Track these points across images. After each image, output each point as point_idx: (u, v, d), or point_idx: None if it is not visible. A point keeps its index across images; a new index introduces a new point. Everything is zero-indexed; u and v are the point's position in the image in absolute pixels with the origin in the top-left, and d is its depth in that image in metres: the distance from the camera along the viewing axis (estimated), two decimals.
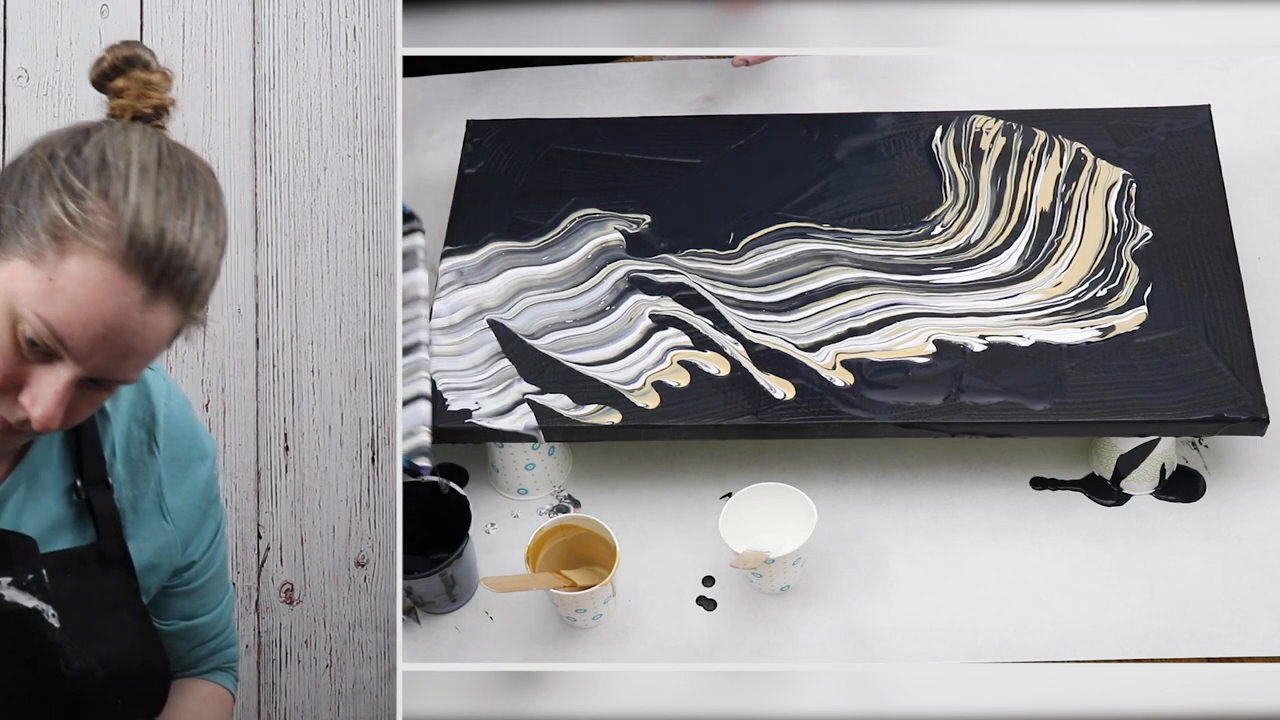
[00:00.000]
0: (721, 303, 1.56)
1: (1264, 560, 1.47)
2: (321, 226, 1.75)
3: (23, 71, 1.74)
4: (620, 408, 1.49)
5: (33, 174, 1.16)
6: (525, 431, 1.49)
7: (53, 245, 1.13)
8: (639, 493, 1.56)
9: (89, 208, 1.12)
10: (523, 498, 1.56)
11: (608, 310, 1.57)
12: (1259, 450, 1.53)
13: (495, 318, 1.57)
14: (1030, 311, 1.53)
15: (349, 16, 1.76)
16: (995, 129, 1.68)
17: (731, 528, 1.46)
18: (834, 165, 1.67)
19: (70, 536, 1.29)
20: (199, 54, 1.75)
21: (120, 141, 1.16)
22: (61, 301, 1.12)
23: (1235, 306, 1.51)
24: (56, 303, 1.12)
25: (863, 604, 1.47)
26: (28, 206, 1.14)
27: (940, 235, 1.60)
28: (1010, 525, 1.51)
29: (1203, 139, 1.65)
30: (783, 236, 1.61)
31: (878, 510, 1.52)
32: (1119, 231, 1.58)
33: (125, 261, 1.11)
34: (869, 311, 1.54)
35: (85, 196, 1.13)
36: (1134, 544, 1.49)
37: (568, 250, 1.62)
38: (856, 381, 1.49)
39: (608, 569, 1.45)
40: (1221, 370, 1.47)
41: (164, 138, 1.18)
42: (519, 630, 1.48)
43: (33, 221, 1.14)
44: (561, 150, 1.70)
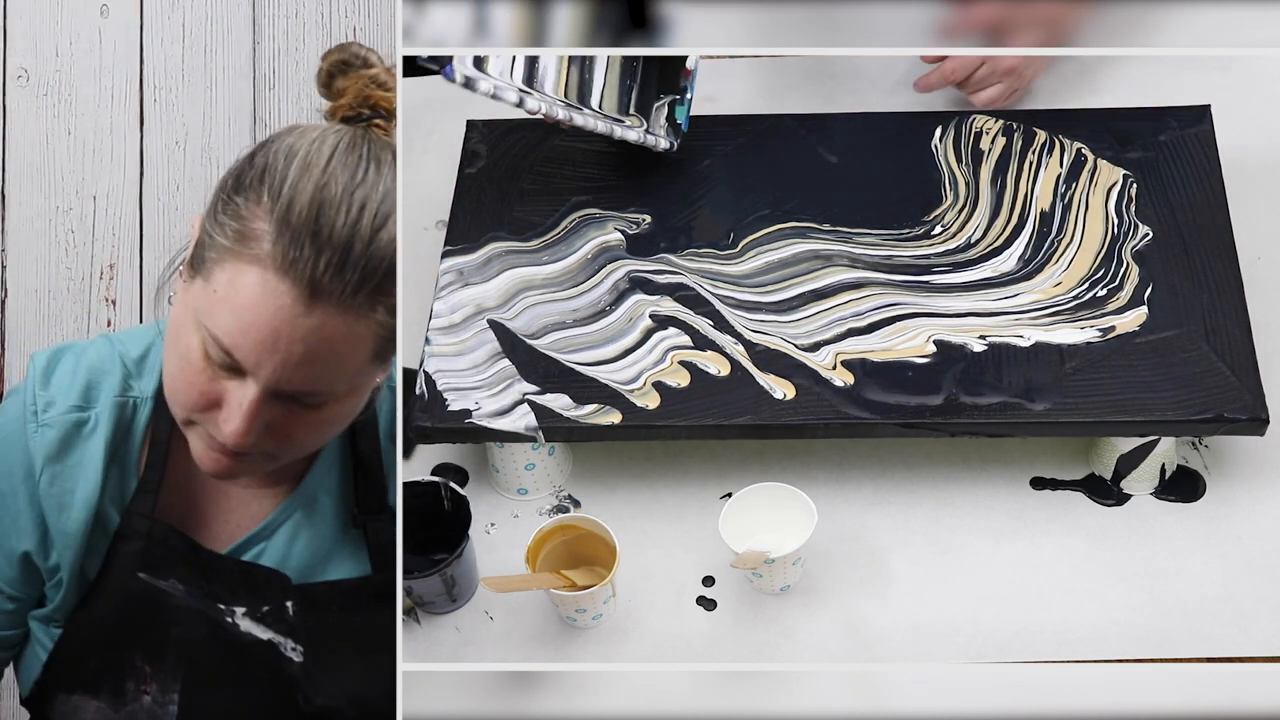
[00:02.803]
0: (721, 303, 1.56)
1: (1264, 560, 1.47)
2: None
3: (23, 71, 1.74)
4: (620, 408, 1.49)
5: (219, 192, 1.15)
6: (525, 431, 1.49)
7: (216, 259, 1.11)
8: (639, 493, 1.56)
9: (244, 214, 1.10)
10: (523, 498, 1.56)
11: (608, 310, 1.57)
12: (1259, 450, 1.53)
13: (495, 318, 1.57)
14: (1030, 311, 1.53)
15: (349, 16, 1.76)
16: (995, 129, 1.68)
17: (731, 528, 1.46)
18: (834, 165, 1.67)
19: (343, 567, 1.28)
20: (199, 54, 1.75)
21: (290, 143, 1.12)
22: (223, 312, 1.11)
23: (1235, 306, 1.51)
24: (219, 314, 1.11)
25: (863, 604, 1.47)
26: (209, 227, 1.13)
27: (940, 235, 1.60)
28: (1010, 525, 1.51)
29: (1203, 139, 1.65)
30: (783, 236, 1.61)
31: (878, 510, 1.52)
32: (1119, 231, 1.58)
33: (279, 264, 1.08)
34: (869, 311, 1.54)
35: (242, 204, 1.11)
36: (1134, 544, 1.49)
37: (568, 250, 1.62)
38: (856, 381, 1.49)
39: (608, 569, 1.45)
40: (1221, 370, 1.47)
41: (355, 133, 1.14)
42: (519, 630, 1.48)
43: (208, 238, 1.13)
44: (561, 149, 1.70)
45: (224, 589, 1.26)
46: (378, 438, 1.30)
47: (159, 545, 1.26)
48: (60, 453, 1.25)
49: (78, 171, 1.75)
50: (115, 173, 1.75)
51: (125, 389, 1.26)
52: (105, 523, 1.26)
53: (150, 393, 1.27)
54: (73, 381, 1.26)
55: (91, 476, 1.25)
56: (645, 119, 1.63)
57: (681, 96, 1.64)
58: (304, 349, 1.10)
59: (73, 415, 1.25)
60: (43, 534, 1.26)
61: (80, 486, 1.25)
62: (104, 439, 1.25)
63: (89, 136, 1.75)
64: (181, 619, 1.26)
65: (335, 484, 1.30)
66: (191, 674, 1.25)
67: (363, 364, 1.14)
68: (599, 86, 1.63)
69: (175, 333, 1.16)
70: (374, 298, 1.11)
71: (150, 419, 1.27)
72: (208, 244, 1.13)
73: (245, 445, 1.14)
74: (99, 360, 1.27)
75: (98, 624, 1.26)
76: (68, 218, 1.76)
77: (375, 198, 1.10)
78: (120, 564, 1.26)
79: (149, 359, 1.28)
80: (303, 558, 1.27)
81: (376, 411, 1.30)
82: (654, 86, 1.66)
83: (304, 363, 1.11)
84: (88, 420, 1.25)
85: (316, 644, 1.26)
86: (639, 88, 1.65)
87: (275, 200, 1.09)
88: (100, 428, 1.25)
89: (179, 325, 1.15)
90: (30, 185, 1.75)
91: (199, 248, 1.14)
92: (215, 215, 1.13)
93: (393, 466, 1.29)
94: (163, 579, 1.25)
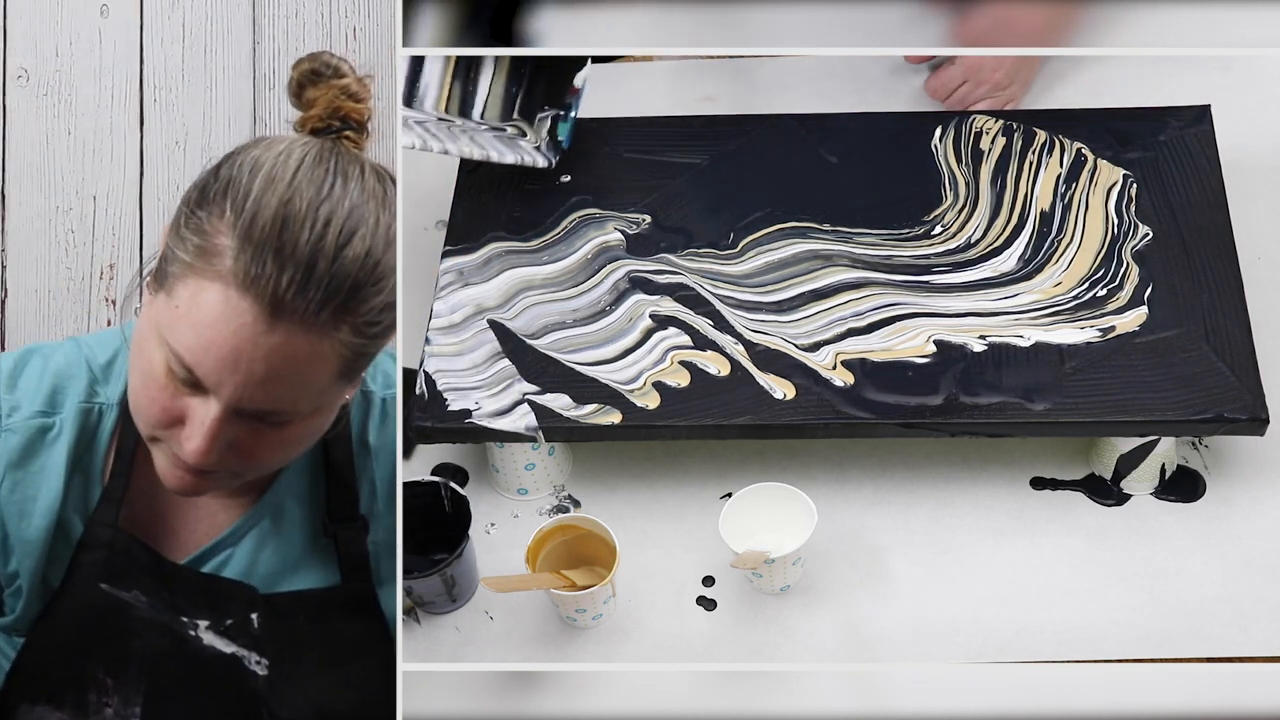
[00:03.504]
0: (721, 302, 1.56)
1: (1264, 560, 1.47)
2: None
3: (23, 71, 1.74)
4: (620, 408, 1.49)
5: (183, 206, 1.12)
6: (525, 431, 1.49)
7: (178, 274, 1.09)
8: (639, 493, 1.56)
9: (206, 229, 1.08)
10: (523, 498, 1.56)
11: (608, 310, 1.57)
12: (1259, 450, 1.53)
13: (495, 318, 1.57)
14: (1030, 311, 1.53)
15: (349, 16, 1.76)
16: (995, 129, 1.68)
17: (731, 528, 1.46)
18: (834, 165, 1.67)
19: (311, 576, 1.26)
20: (199, 54, 1.75)
21: (256, 155, 1.10)
22: (185, 328, 1.09)
23: (1235, 306, 1.51)
24: (181, 329, 1.09)
25: (863, 604, 1.47)
26: (172, 239, 1.11)
27: (940, 235, 1.60)
28: (1010, 525, 1.51)
29: (1203, 139, 1.65)
30: (783, 236, 1.61)
31: (878, 510, 1.52)
32: (1119, 231, 1.58)
33: (241, 280, 1.06)
34: (869, 311, 1.54)
35: (205, 219, 1.09)
36: (1134, 544, 1.49)
37: (568, 250, 1.62)
38: (856, 381, 1.49)
39: (608, 569, 1.45)
40: (1221, 370, 1.47)
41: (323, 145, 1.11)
42: (519, 630, 1.48)
43: (171, 253, 1.11)
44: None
45: (186, 601, 1.24)
46: (350, 445, 1.28)
47: (121, 555, 1.24)
48: (22, 459, 1.23)
49: (78, 171, 1.75)
50: (115, 173, 1.75)
51: (90, 395, 1.25)
52: (68, 531, 1.25)
53: (116, 399, 1.25)
54: (38, 385, 1.24)
55: (53, 484, 1.23)
56: (528, 127, 1.62)
57: (566, 113, 1.63)
58: (266, 367, 1.08)
59: (37, 421, 1.24)
60: (2, 540, 1.24)
61: (42, 494, 1.23)
62: (67, 446, 1.23)
63: (89, 136, 1.75)
64: (144, 631, 1.24)
65: (305, 491, 1.28)
66: (153, 687, 1.23)
67: (327, 383, 1.11)
68: (483, 96, 1.62)
69: (139, 346, 1.14)
70: (338, 316, 1.08)
71: (116, 426, 1.25)
72: (170, 258, 1.11)
73: (208, 464, 1.13)
74: (65, 364, 1.25)
75: (60, 634, 1.25)
76: (68, 218, 1.75)
77: (341, 213, 1.08)
78: (82, 574, 1.24)
79: (115, 365, 1.26)
80: (269, 566, 1.26)
81: (349, 423, 1.28)
82: (540, 97, 1.64)
83: (266, 381, 1.09)
84: (52, 426, 1.24)
85: (282, 656, 1.24)
86: (524, 95, 1.64)
87: (238, 215, 1.07)
88: (64, 434, 1.24)
89: (143, 339, 1.13)
90: (30, 185, 1.75)
91: (163, 261, 1.12)
92: (178, 229, 1.11)
93: (365, 473, 1.28)
94: (125, 590, 1.23)
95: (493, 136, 1.60)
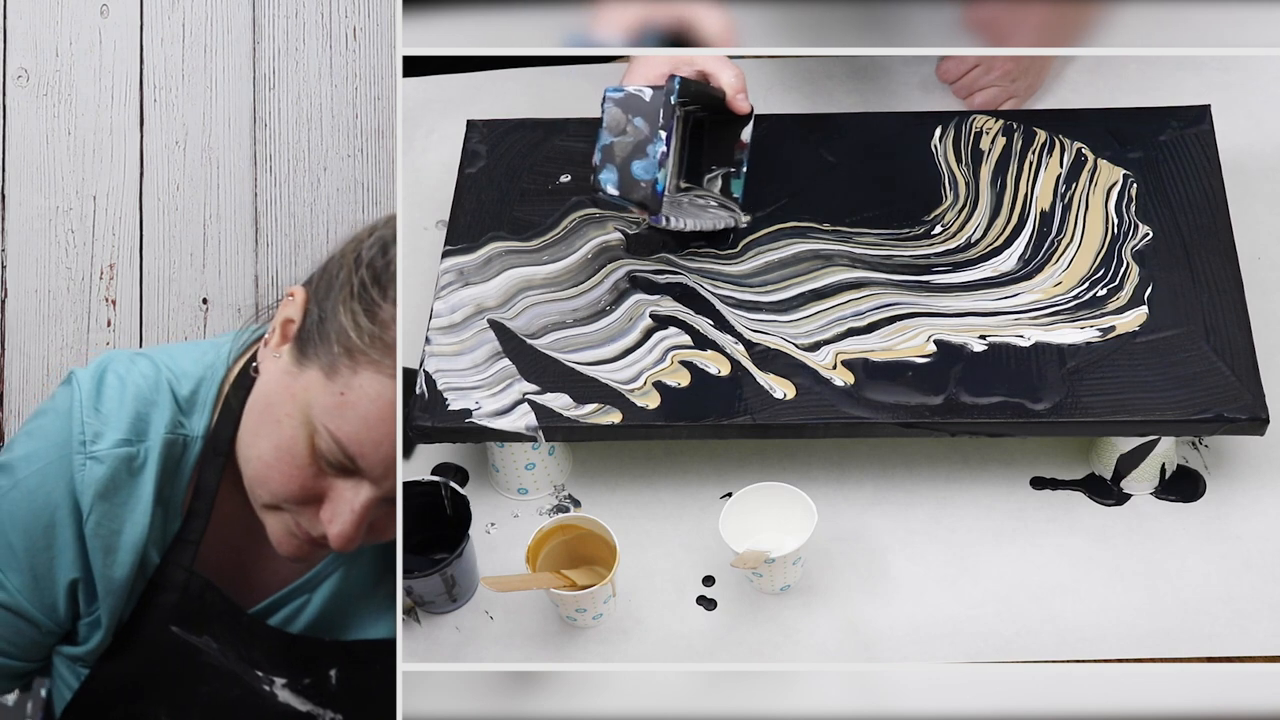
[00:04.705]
0: (722, 302, 1.56)
1: (1264, 560, 1.47)
2: (321, 226, 1.75)
3: (23, 71, 1.74)
4: (620, 407, 1.49)
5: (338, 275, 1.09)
6: (525, 431, 1.49)
7: (345, 358, 1.07)
8: (639, 493, 1.56)
9: (382, 319, 1.06)
10: (523, 497, 1.56)
11: (608, 310, 1.57)
12: (1259, 450, 1.53)
13: (495, 317, 1.57)
14: (1030, 311, 1.53)
15: (349, 16, 1.76)
16: (995, 129, 1.68)
17: (731, 528, 1.46)
18: (834, 165, 1.67)
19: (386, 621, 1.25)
20: (199, 54, 1.75)
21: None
22: (353, 419, 1.07)
23: (1235, 306, 1.51)
24: (348, 419, 1.07)
25: (863, 604, 1.47)
26: (327, 312, 1.08)
27: (940, 235, 1.60)
28: (1010, 525, 1.51)
29: (1203, 139, 1.65)
30: (783, 236, 1.61)
31: (878, 510, 1.52)
32: (1119, 231, 1.58)
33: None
34: (869, 311, 1.54)
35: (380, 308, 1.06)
36: (1134, 544, 1.49)
37: (568, 250, 1.62)
38: (857, 381, 1.49)
39: (608, 569, 1.45)
40: (1221, 370, 1.47)
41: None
42: (519, 630, 1.48)
43: (329, 329, 1.08)
44: (561, 149, 1.70)
45: (264, 656, 1.22)
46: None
47: (195, 600, 1.21)
48: (109, 490, 1.18)
49: (78, 171, 1.75)
50: (115, 173, 1.75)
51: (175, 425, 1.20)
52: (147, 566, 1.21)
53: (200, 432, 1.21)
54: (120, 410, 1.19)
55: (139, 519, 1.19)
56: (698, 188, 1.61)
57: (737, 170, 1.62)
58: None
59: (123, 450, 1.18)
60: (88, 578, 1.20)
61: (127, 529, 1.19)
62: (153, 478, 1.19)
63: (89, 136, 1.75)
64: (211, 678, 1.21)
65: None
66: None
67: None
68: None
69: (273, 416, 1.11)
70: None
71: (198, 461, 1.21)
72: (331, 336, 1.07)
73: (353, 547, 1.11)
74: (146, 388, 1.21)
75: (125, 672, 1.22)
76: (68, 218, 1.75)
77: None
78: (153, 615, 1.21)
79: (199, 394, 1.22)
80: (345, 612, 1.24)
81: None
82: (704, 156, 1.62)
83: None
84: (137, 455, 1.19)
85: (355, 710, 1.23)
86: (688, 156, 1.62)
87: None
88: (149, 465, 1.19)
89: (280, 412, 1.10)
90: (30, 185, 1.75)
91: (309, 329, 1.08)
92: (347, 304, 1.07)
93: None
94: (196, 635, 1.20)
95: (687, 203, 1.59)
